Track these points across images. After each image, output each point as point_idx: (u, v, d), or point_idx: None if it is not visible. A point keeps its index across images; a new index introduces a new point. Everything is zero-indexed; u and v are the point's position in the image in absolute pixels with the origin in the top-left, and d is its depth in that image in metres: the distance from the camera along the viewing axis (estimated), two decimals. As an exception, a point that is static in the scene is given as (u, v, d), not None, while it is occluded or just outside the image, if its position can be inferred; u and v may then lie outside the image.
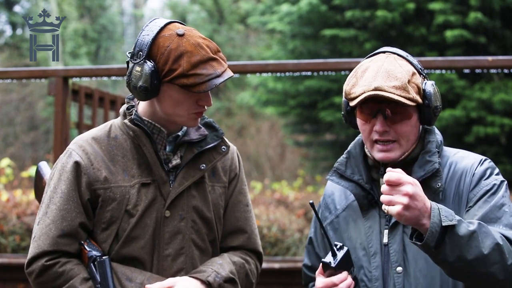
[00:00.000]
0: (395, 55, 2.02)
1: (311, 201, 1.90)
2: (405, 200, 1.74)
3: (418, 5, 8.67)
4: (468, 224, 1.80)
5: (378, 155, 1.99)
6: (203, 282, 2.02)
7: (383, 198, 1.77)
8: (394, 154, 1.97)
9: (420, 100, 1.96)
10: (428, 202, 1.79)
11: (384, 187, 1.77)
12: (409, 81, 1.94)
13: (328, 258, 1.92)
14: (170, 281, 2.01)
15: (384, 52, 2.04)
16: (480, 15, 8.22)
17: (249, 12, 15.41)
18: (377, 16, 8.55)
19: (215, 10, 20.03)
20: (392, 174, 1.77)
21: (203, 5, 20.20)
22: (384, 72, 1.95)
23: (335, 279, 1.90)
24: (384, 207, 1.77)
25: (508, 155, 8.60)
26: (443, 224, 1.75)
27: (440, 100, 2.02)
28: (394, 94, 1.91)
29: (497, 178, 1.98)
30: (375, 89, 1.91)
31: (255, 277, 2.22)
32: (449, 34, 8.19)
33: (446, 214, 1.78)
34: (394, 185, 1.76)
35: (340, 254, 1.92)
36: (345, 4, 9.07)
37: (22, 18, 19.48)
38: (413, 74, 1.98)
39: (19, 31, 20.69)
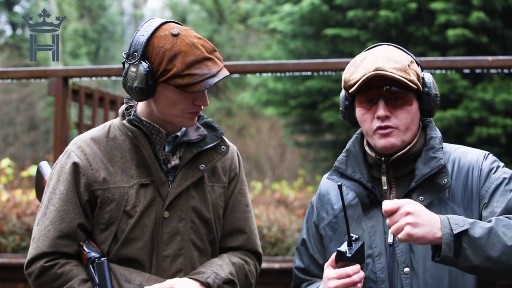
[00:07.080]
0: (392, 46, 2.04)
1: (339, 183, 1.89)
2: (410, 218, 1.73)
3: (419, 4, 8.65)
4: (484, 223, 1.77)
5: (379, 142, 1.95)
6: (202, 283, 2.01)
7: (391, 230, 1.76)
8: (395, 139, 1.94)
9: (420, 85, 1.97)
10: (436, 215, 1.76)
11: (387, 220, 1.77)
12: (408, 66, 1.95)
13: (344, 248, 1.87)
14: (169, 282, 2.00)
15: (381, 44, 2.06)
16: (483, 14, 8.19)
17: (249, 12, 15.39)
18: (379, 16, 8.53)
19: (215, 10, 20.02)
20: (387, 202, 1.77)
21: (203, 5, 20.19)
22: (384, 56, 1.95)
23: (349, 269, 1.86)
24: (396, 238, 1.76)
25: (509, 155, 8.58)
26: (455, 232, 1.73)
27: (438, 91, 2.01)
28: (396, 74, 1.90)
29: (505, 171, 1.96)
30: (377, 69, 1.91)
31: (254, 278, 2.21)
32: (451, 33, 8.16)
33: (456, 222, 1.75)
34: (394, 212, 1.75)
35: (356, 246, 1.87)
36: (347, 4, 9.05)
37: (22, 18, 19.45)
38: (412, 62, 1.99)
39: (19, 31, 20.66)
